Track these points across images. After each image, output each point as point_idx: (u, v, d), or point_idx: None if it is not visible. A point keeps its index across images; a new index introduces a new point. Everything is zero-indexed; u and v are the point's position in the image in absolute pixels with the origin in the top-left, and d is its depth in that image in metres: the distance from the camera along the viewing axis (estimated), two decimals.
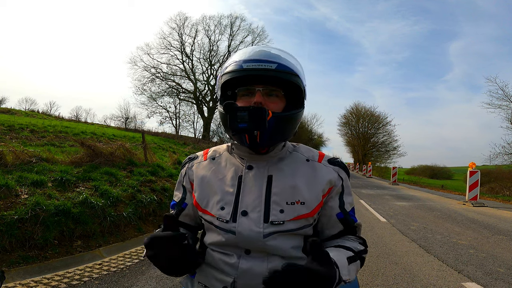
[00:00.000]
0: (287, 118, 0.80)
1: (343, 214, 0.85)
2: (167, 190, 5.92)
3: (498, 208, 9.20)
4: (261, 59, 0.78)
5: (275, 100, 0.81)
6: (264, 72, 0.76)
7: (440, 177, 40.36)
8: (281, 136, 0.81)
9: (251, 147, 0.80)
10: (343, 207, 0.85)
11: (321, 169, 0.86)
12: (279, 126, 0.78)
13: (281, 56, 0.80)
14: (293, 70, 0.79)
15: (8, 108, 20.94)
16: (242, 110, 0.73)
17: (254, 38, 29.04)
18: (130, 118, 26.16)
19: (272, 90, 0.81)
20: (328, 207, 0.85)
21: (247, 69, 0.77)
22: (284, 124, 0.79)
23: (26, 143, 6.93)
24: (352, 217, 0.86)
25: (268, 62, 0.77)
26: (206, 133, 27.95)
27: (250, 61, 0.77)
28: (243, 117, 0.73)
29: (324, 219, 0.86)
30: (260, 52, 0.80)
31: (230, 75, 0.79)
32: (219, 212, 0.81)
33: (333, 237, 0.86)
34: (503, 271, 3.62)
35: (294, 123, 0.83)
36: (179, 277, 0.84)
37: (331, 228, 0.86)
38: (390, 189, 15.03)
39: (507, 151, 16.89)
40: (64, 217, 3.72)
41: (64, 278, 2.98)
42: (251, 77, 0.79)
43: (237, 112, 0.74)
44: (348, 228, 0.85)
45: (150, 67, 27.82)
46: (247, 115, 0.73)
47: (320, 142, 45.38)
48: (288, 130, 0.82)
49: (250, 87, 0.81)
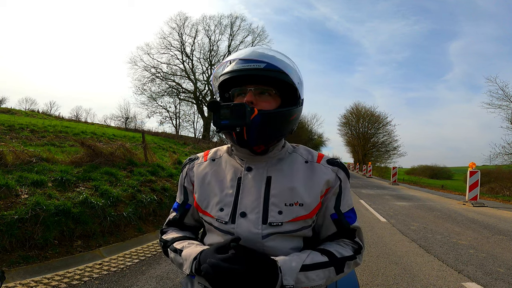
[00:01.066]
0: (276, 115, 0.79)
1: (337, 215, 0.84)
2: (167, 190, 5.92)
3: (498, 208, 9.20)
4: (250, 59, 0.79)
5: (267, 98, 0.81)
6: (253, 72, 0.78)
7: (440, 177, 40.37)
8: (273, 133, 0.81)
9: (240, 144, 0.80)
10: (339, 208, 0.84)
11: (319, 169, 0.86)
12: (268, 124, 0.78)
13: (273, 56, 0.81)
14: (281, 68, 0.79)
15: (8, 108, 20.94)
16: (224, 107, 0.74)
17: (254, 38, 29.09)
18: (130, 118, 26.21)
19: (264, 89, 0.81)
20: (324, 207, 0.85)
21: (236, 70, 0.79)
22: (273, 121, 0.79)
23: (26, 143, 6.94)
24: (348, 219, 0.85)
25: (257, 62, 0.78)
26: (206, 133, 27.95)
27: (240, 62, 0.79)
28: (225, 114, 0.74)
29: (320, 219, 0.86)
30: (252, 53, 0.81)
31: (223, 77, 0.82)
32: (218, 214, 0.82)
33: (328, 239, 0.86)
34: (503, 271, 3.62)
35: (286, 121, 0.81)
36: (179, 277, 0.84)
37: (326, 229, 0.86)
38: (390, 189, 15.03)
39: (507, 151, 16.89)
40: (64, 217, 3.72)
41: (64, 278, 2.98)
42: (245, 77, 0.80)
43: (220, 109, 0.75)
44: (342, 230, 0.84)
45: (150, 67, 27.87)
46: (229, 111, 0.74)
47: (320, 142, 45.43)
48: (278, 128, 0.81)
49: (243, 87, 0.82)
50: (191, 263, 0.75)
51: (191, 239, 0.87)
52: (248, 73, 0.78)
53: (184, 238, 0.88)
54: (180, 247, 0.82)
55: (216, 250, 0.71)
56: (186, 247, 0.81)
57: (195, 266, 0.74)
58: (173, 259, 0.84)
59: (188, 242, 0.84)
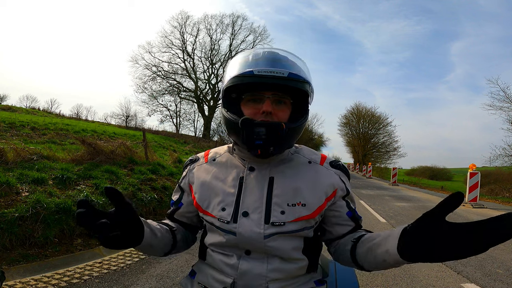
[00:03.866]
0: (298, 128, 0.80)
1: (351, 212, 0.88)
2: (167, 189, 5.92)
3: (498, 209, 9.21)
4: (272, 65, 0.76)
5: (283, 108, 0.80)
6: (276, 80, 0.74)
7: (440, 178, 40.33)
8: (291, 144, 0.84)
9: (263, 157, 0.80)
10: (350, 205, 0.88)
11: (323, 172, 0.87)
12: (290, 136, 0.79)
13: (293, 62, 0.80)
14: (304, 78, 0.78)
15: (9, 106, 20.97)
16: (259, 125, 0.73)
17: (255, 38, 29.10)
18: (130, 116, 26.27)
19: (281, 97, 0.79)
20: (337, 207, 0.87)
21: (257, 76, 0.74)
22: (295, 134, 0.81)
23: (27, 141, 6.94)
24: (357, 214, 0.90)
25: (279, 69, 0.75)
26: (207, 132, 27.99)
27: (261, 67, 0.75)
28: (260, 134, 0.73)
29: (335, 219, 0.88)
30: (270, 57, 0.79)
31: (239, 80, 0.77)
32: (220, 213, 0.81)
33: (347, 234, 0.88)
34: (502, 272, 3.63)
35: (301, 131, 0.84)
36: (180, 276, 0.85)
37: (343, 226, 0.88)
38: (390, 189, 15.04)
39: (507, 153, 16.84)
40: (65, 215, 3.72)
41: (64, 276, 2.99)
42: (261, 83, 0.77)
43: (254, 128, 0.73)
44: (357, 224, 0.89)
45: (151, 66, 27.91)
46: (265, 131, 0.73)
47: (321, 142, 45.36)
48: (296, 138, 0.83)
49: (258, 93, 0.79)
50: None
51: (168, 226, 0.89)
52: (271, 81, 0.75)
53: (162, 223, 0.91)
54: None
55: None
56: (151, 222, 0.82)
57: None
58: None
59: (157, 223, 0.85)
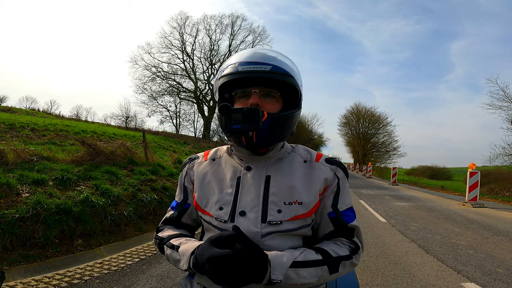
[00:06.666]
0: (283, 118, 0.81)
1: (334, 213, 0.84)
2: (167, 189, 5.93)
3: (498, 209, 9.21)
4: (256, 61, 0.79)
5: (271, 101, 0.82)
6: (259, 74, 0.78)
7: (440, 177, 40.27)
8: (278, 136, 0.82)
9: (248, 148, 0.81)
10: (336, 206, 0.84)
11: (317, 168, 0.87)
12: (275, 127, 0.79)
13: (276, 58, 0.82)
14: (287, 71, 0.80)
15: (9, 107, 20.97)
16: (236, 111, 0.74)
17: (255, 38, 29.10)
18: (130, 117, 26.20)
19: (268, 92, 0.82)
20: (322, 205, 0.85)
21: (242, 72, 0.78)
22: (280, 124, 0.80)
23: (27, 142, 6.95)
24: (346, 217, 0.84)
25: (263, 64, 0.78)
26: (207, 133, 27.98)
27: (245, 64, 0.79)
28: (238, 118, 0.74)
29: (318, 218, 0.86)
30: (255, 54, 0.81)
31: (226, 78, 0.81)
32: (217, 213, 0.82)
33: (325, 237, 0.86)
34: (502, 271, 3.63)
35: (291, 123, 0.83)
36: (180, 276, 0.85)
37: (323, 228, 0.86)
38: (390, 189, 15.04)
39: (507, 152, 16.86)
40: (65, 215, 3.73)
41: (65, 277, 2.99)
42: (248, 79, 0.80)
43: (231, 113, 0.75)
44: (339, 229, 0.84)
45: (151, 66, 27.91)
46: (241, 116, 0.74)
47: (320, 142, 45.38)
48: (284, 130, 0.83)
49: (246, 89, 0.82)
50: (188, 258, 0.75)
51: (187, 237, 0.88)
52: (254, 75, 0.78)
53: (181, 235, 0.89)
54: (177, 243, 0.83)
55: (212, 242, 0.70)
56: (184, 243, 0.81)
57: (193, 261, 0.74)
58: (169, 256, 0.84)
59: (185, 239, 0.85)
